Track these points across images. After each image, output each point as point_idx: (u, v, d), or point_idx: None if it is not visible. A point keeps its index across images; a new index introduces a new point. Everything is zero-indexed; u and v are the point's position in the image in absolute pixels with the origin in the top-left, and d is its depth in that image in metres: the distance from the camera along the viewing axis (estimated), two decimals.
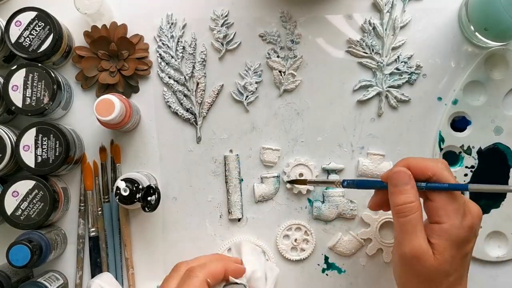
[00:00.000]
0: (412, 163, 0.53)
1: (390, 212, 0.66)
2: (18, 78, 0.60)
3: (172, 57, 0.66)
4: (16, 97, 0.60)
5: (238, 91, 0.66)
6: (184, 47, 0.66)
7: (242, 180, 0.66)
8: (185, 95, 0.66)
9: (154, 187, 0.59)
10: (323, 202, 0.66)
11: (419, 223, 0.51)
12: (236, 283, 0.55)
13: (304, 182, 0.63)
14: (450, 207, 0.51)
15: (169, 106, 0.66)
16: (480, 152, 0.65)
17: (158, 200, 0.60)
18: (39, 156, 0.60)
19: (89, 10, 0.61)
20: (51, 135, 0.60)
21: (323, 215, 0.66)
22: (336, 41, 0.66)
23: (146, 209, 0.59)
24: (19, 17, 0.60)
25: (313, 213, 0.66)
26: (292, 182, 0.65)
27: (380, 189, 0.56)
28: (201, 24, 0.66)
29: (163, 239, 0.66)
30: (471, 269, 0.66)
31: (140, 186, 0.59)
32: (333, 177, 0.66)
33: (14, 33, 0.60)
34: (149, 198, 0.59)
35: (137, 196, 0.59)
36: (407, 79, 0.65)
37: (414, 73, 0.65)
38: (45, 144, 0.60)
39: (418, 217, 0.51)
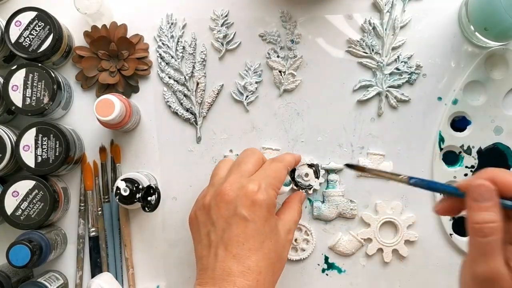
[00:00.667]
0: (498, 177, 0.46)
1: (390, 212, 0.66)
2: (18, 78, 0.60)
3: (172, 57, 0.66)
4: (16, 97, 0.60)
5: (238, 91, 0.66)
6: (184, 47, 0.66)
7: None
8: (185, 95, 0.66)
9: (154, 187, 0.60)
10: (323, 202, 0.66)
11: (499, 246, 0.45)
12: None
13: (362, 169, 0.59)
14: None
15: (169, 106, 0.66)
16: (480, 152, 0.65)
17: (158, 200, 0.60)
18: (39, 156, 0.60)
19: (89, 10, 0.61)
20: (51, 135, 0.60)
21: (323, 215, 0.66)
22: (336, 41, 0.66)
23: (146, 209, 0.59)
24: (19, 17, 0.60)
25: (313, 213, 0.66)
26: (351, 166, 0.57)
27: (454, 196, 0.49)
28: (201, 24, 0.66)
29: (163, 239, 0.66)
30: None
31: (140, 186, 0.59)
32: (333, 176, 0.66)
33: (14, 33, 0.60)
34: (149, 198, 0.59)
35: (137, 196, 0.59)
36: (407, 79, 0.65)
37: (414, 73, 0.65)
38: (45, 144, 0.60)
39: (499, 240, 0.45)
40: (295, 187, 0.66)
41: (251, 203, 0.52)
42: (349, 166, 0.57)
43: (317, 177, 0.65)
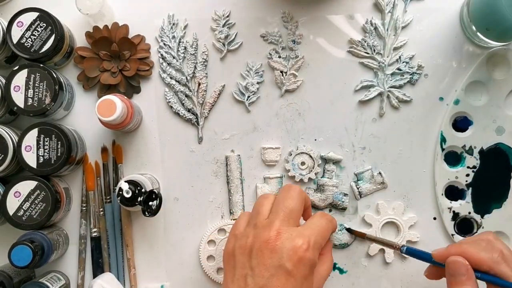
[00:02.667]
0: (468, 253, 0.52)
1: (392, 213, 0.66)
2: (20, 78, 0.60)
3: (174, 57, 0.66)
4: (18, 98, 0.60)
5: (240, 91, 0.66)
6: (185, 48, 0.66)
7: (243, 180, 0.66)
8: (186, 96, 0.66)
9: (156, 192, 0.59)
10: (316, 190, 0.66)
11: None
12: None
13: (362, 235, 0.64)
14: None
15: (171, 107, 0.66)
16: (481, 152, 0.65)
17: (159, 206, 0.59)
18: (41, 157, 0.60)
19: (91, 10, 0.62)
20: (53, 136, 0.60)
21: (314, 203, 0.65)
22: (337, 41, 0.66)
23: (146, 213, 0.59)
24: (21, 18, 0.60)
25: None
26: (350, 231, 0.65)
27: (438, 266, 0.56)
28: (203, 25, 0.66)
29: (164, 239, 0.66)
30: None
31: (143, 190, 0.59)
32: (330, 167, 0.66)
33: (16, 33, 0.60)
34: (150, 203, 0.59)
35: (139, 199, 0.59)
36: (408, 79, 0.65)
37: (415, 73, 0.65)
38: (47, 145, 0.60)
39: None
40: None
41: (298, 259, 0.50)
42: (349, 230, 0.65)
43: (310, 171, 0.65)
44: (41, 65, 0.60)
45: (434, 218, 0.66)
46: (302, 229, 0.53)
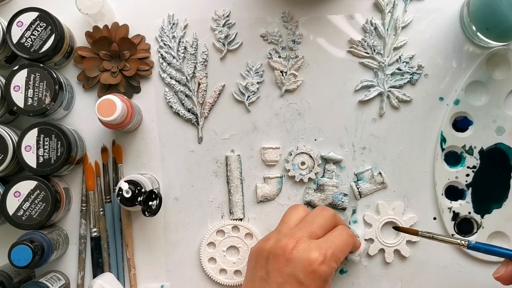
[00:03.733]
0: None
1: (392, 213, 0.66)
2: (20, 78, 0.60)
3: (174, 57, 0.66)
4: (18, 98, 0.60)
5: (240, 91, 0.66)
6: (185, 48, 0.66)
7: (243, 180, 0.66)
8: (186, 96, 0.66)
9: (156, 192, 0.59)
10: (316, 190, 0.66)
11: None
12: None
13: (415, 232, 0.59)
14: None
15: (171, 107, 0.66)
16: (482, 152, 0.65)
17: (159, 206, 0.59)
18: (40, 157, 0.60)
19: (91, 10, 0.61)
20: (53, 136, 0.60)
21: (313, 202, 0.65)
22: (337, 41, 0.66)
23: (146, 213, 0.59)
24: (21, 18, 0.60)
25: (305, 198, 0.66)
26: (398, 229, 0.62)
27: None
28: (203, 25, 0.66)
29: (164, 239, 0.66)
30: (474, 270, 0.66)
31: (143, 190, 0.59)
32: (330, 167, 0.66)
33: (16, 33, 0.60)
34: (150, 203, 0.59)
35: (139, 199, 0.59)
36: (408, 79, 0.65)
37: (415, 73, 0.65)
38: (46, 145, 0.60)
39: None
40: None
41: (312, 271, 0.51)
42: (396, 228, 0.62)
43: (309, 171, 0.65)
44: (41, 65, 0.60)
45: (434, 218, 0.66)
46: (321, 241, 0.54)
